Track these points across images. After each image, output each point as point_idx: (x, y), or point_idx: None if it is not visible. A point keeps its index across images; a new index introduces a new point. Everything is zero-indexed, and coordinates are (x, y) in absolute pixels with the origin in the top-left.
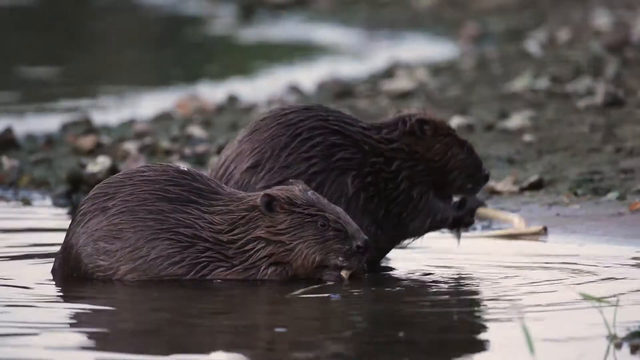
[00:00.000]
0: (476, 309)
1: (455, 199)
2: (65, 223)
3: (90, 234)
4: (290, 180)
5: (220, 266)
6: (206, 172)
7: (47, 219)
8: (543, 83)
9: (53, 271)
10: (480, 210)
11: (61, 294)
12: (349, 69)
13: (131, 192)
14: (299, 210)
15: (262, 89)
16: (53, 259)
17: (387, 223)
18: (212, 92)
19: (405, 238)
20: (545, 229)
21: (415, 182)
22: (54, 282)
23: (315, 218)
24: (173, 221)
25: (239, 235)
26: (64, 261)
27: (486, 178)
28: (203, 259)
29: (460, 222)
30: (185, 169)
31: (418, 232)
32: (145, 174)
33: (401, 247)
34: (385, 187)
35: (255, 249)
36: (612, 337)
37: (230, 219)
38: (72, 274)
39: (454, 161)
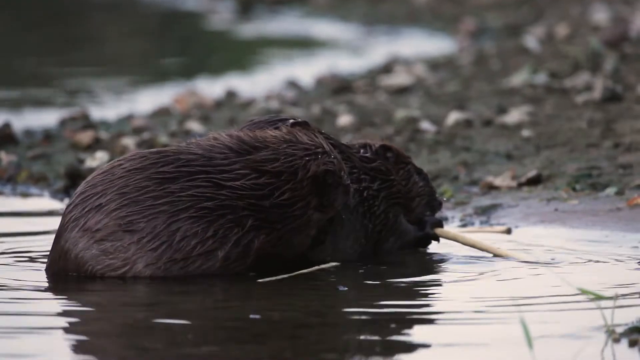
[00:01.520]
0: (475, 304)
1: None
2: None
3: (90, 236)
4: None
5: (262, 233)
6: None
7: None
8: (541, 78)
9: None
10: (439, 230)
11: (54, 294)
12: (347, 64)
13: (125, 184)
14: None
15: (261, 84)
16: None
17: (369, 239)
18: (211, 87)
19: (375, 255)
20: (509, 230)
21: (391, 204)
22: (47, 282)
23: None
24: (187, 199)
25: (287, 202)
26: (60, 269)
27: (440, 205)
28: (240, 229)
29: (422, 242)
30: (159, 148)
31: (388, 252)
32: (124, 165)
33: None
34: (372, 205)
35: (305, 206)
36: (610, 332)
37: (268, 182)
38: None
39: (416, 188)
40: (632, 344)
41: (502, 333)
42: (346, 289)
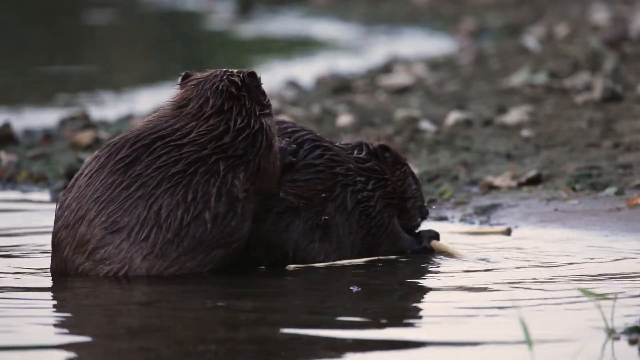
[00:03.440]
0: (472, 301)
1: None
2: None
3: (82, 251)
4: None
5: (239, 172)
6: None
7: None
8: (541, 78)
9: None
10: (434, 243)
11: (54, 295)
12: (347, 64)
13: (94, 190)
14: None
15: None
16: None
17: (364, 242)
18: None
19: (368, 257)
20: (509, 230)
21: (386, 204)
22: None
23: None
24: (156, 173)
25: (243, 124)
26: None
27: (427, 213)
28: (216, 177)
29: (417, 253)
30: (107, 142)
31: (382, 255)
32: (85, 173)
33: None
34: (368, 206)
35: (256, 118)
36: (610, 332)
37: (218, 120)
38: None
39: (410, 190)
40: (631, 343)
41: (502, 333)
42: (359, 289)
